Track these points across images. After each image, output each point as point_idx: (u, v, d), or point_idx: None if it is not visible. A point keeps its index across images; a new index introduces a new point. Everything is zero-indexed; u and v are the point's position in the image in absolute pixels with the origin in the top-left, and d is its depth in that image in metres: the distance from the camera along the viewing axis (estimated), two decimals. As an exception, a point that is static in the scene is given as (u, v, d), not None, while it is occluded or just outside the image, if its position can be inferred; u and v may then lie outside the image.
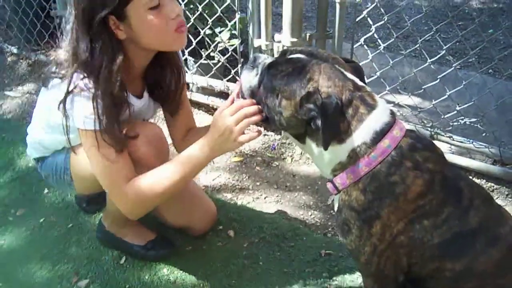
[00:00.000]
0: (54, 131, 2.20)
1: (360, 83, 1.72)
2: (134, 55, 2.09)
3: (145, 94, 2.30)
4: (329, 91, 1.62)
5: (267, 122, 1.85)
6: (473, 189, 1.71)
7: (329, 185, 1.80)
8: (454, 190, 1.67)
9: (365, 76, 1.78)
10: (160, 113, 2.69)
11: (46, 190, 3.11)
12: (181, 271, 2.51)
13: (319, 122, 1.61)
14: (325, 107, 1.59)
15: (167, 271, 2.51)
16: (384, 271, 1.73)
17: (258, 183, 3.11)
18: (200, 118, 3.75)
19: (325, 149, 1.64)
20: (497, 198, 2.86)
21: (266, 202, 2.96)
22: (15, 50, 5.03)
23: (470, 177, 2.44)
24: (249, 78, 1.86)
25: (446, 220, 1.63)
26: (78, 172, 2.32)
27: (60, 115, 2.03)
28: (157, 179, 2.07)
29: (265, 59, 1.85)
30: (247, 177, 3.16)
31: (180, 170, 2.05)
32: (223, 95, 3.71)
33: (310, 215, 2.84)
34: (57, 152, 2.40)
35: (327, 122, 1.60)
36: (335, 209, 1.84)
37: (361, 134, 1.65)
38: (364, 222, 1.68)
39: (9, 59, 5.03)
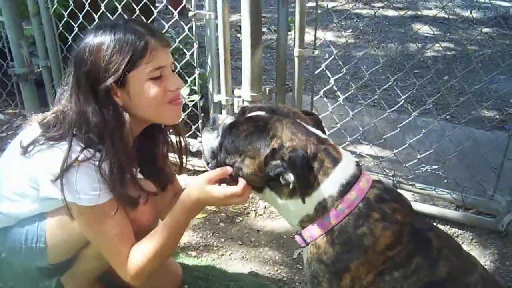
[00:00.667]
0: (25, 199, 2.08)
1: (323, 136, 1.73)
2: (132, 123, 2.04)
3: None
4: (294, 144, 1.62)
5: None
6: (441, 239, 1.71)
7: (297, 237, 1.78)
8: (423, 240, 1.66)
9: (325, 128, 1.80)
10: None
11: (3, 254, 2.99)
12: (145, 335, 2.42)
13: (288, 176, 1.60)
14: (293, 161, 1.59)
15: (131, 336, 2.42)
16: None
17: (222, 240, 3.06)
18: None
19: (303, 201, 1.62)
20: (462, 243, 2.87)
21: (232, 259, 2.90)
22: (-27, 108, 4.95)
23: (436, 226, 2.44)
24: (210, 140, 1.85)
25: (416, 271, 1.62)
26: (56, 237, 2.17)
27: (44, 184, 1.94)
28: (154, 247, 2.04)
29: (224, 120, 1.84)
30: (211, 234, 3.11)
31: (171, 234, 2.04)
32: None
33: (277, 270, 2.80)
34: (25, 220, 2.19)
35: (299, 175, 1.59)
36: (304, 261, 1.81)
37: (327, 188, 1.64)
38: (334, 275, 1.66)
39: (-35, 118, 4.93)
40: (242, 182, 1.77)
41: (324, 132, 1.81)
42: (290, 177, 1.61)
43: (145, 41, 1.88)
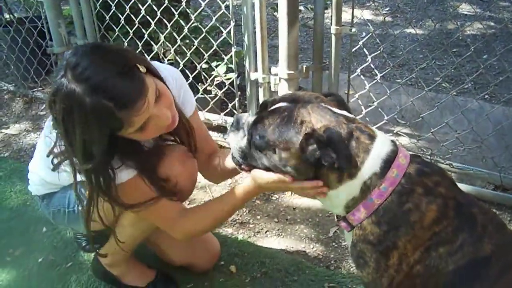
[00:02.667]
0: (65, 172, 2.09)
1: (351, 116, 1.71)
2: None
3: None
4: (326, 124, 1.61)
5: None
6: (486, 215, 1.68)
7: (341, 223, 1.77)
8: (468, 216, 1.64)
9: (362, 106, 1.79)
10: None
11: (44, 229, 3.08)
12: (183, 309, 2.48)
13: (330, 155, 1.58)
14: (330, 138, 1.57)
15: (168, 309, 2.48)
16: None
17: (258, 217, 3.08)
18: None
19: (349, 171, 1.61)
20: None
21: (267, 236, 2.93)
22: (11, 88, 5.05)
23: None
24: (237, 140, 1.83)
25: (461, 247, 1.60)
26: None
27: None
28: (207, 217, 2.16)
29: (247, 118, 1.83)
30: (247, 211, 3.14)
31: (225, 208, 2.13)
32: (221, 129, 3.71)
33: (312, 248, 2.81)
34: (67, 186, 2.30)
35: (340, 150, 1.57)
36: (348, 243, 1.81)
37: (370, 165, 1.63)
38: (381, 254, 1.65)
39: (5, 96, 5.05)
40: None
41: (349, 111, 1.78)
42: (332, 156, 1.58)
43: (115, 118, 1.71)
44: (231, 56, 3.42)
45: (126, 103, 1.70)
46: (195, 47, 3.56)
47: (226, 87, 3.58)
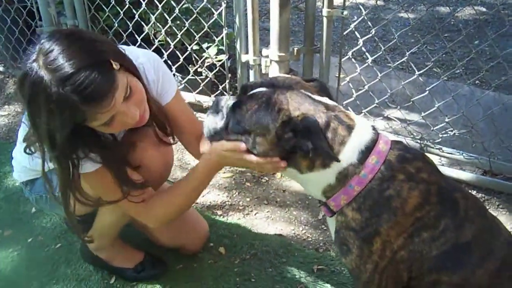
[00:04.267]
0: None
1: (332, 103, 1.69)
2: None
3: None
4: (303, 112, 1.59)
5: None
6: (468, 200, 1.69)
7: (323, 208, 1.77)
8: (450, 201, 1.64)
9: (353, 90, 1.77)
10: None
11: (33, 210, 3.07)
12: (172, 290, 2.48)
13: (305, 145, 1.57)
14: (307, 128, 1.56)
15: (158, 291, 2.48)
16: None
17: (248, 199, 3.09)
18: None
19: (337, 160, 1.60)
20: (488, 209, 2.84)
21: (257, 218, 2.93)
22: (1, 69, 5.02)
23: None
24: (214, 122, 1.81)
25: (443, 232, 1.61)
26: None
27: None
28: (173, 196, 2.14)
29: (227, 101, 1.80)
30: (237, 193, 3.14)
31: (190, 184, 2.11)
32: (211, 110, 3.69)
33: (302, 231, 2.82)
34: (49, 172, 2.30)
35: (315, 140, 1.56)
36: (331, 230, 1.81)
37: (345, 157, 1.61)
38: (364, 241, 1.65)
39: (-5, 77, 5.00)
40: None
41: (331, 97, 1.76)
42: (307, 145, 1.57)
43: (79, 113, 1.69)
44: (222, 38, 3.40)
45: (92, 99, 1.67)
46: (186, 28, 3.54)
47: (217, 68, 3.57)
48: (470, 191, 2.95)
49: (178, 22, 3.71)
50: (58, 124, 1.70)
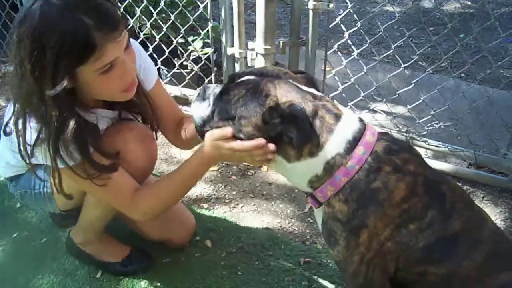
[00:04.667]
0: None
1: (319, 94, 1.69)
2: (86, 97, 1.97)
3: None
4: (291, 99, 1.59)
5: None
6: (455, 192, 1.70)
7: (309, 199, 1.76)
8: (437, 193, 1.65)
9: (339, 83, 1.77)
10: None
11: (18, 204, 3.04)
12: (159, 284, 2.47)
13: (291, 131, 1.57)
14: (294, 114, 1.56)
15: (145, 284, 2.46)
16: (371, 280, 1.70)
17: (234, 192, 3.08)
18: (175, 128, 3.73)
19: (309, 149, 1.60)
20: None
21: (243, 212, 2.93)
22: (-16, 62, 4.95)
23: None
24: (200, 109, 1.80)
25: (430, 224, 1.61)
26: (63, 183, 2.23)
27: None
28: (160, 189, 2.09)
29: (214, 89, 1.80)
30: (223, 187, 3.13)
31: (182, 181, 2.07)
32: (197, 104, 3.69)
33: (288, 224, 2.83)
34: (35, 167, 2.17)
35: (302, 127, 1.56)
36: (318, 222, 1.81)
37: (333, 146, 1.61)
38: (351, 232, 1.65)
39: (-22, 71, 4.94)
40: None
41: (318, 89, 1.76)
42: (293, 132, 1.57)
43: (92, 38, 1.66)
44: (208, 31, 3.39)
45: (106, 22, 1.68)
46: (171, 21, 3.52)
47: (203, 62, 3.55)
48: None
49: (164, 15, 3.69)
50: (66, 60, 1.67)
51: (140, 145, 2.15)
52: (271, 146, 1.64)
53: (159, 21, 3.60)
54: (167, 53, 3.57)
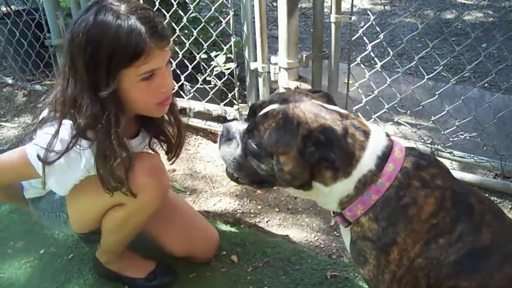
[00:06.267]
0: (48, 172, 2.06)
1: (344, 111, 1.69)
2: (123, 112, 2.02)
3: (141, 132, 2.28)
4: (322, 123, 1.59)
5: (263, 185, 1.81)
6: (483, 204, 1.68)
7: (338, 218, 1.75)
8: (465, 205, 1.63)
9: (362, 95, 1.78)
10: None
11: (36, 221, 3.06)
12: (185, 299, 2.48)
13: (330, 156, 1.55)
14: (329, 139, 1.55)
15: (171, 300, 2.48)
16: None
17: (259, 207, 3.08)
18: (198, 143, 3.74)
19: (346, 169, 1.60)
20: (501, 212, 2.84)
21: (269, 226, 2.93)
22: (10, 81, 5.04)
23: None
24: (229, 151, 1.77)
25: (460, 237, 1.59)
26: (75, 211, 2.26)
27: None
28: None
29: (238, 126, 1.77)
30: (248, 201, 3.13)
31: None
32: (221, 119, 3.71)
33: (314, 237, 2.82)
34: (51, 192, 2.29)
35: (338, 149, 1.55)
36: (345, 240, 1.81)
37: (366, 163, 1.61)
38: (381, 250, 1.64)
39: (4, 90, 5.02)
40: None
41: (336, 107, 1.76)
42: (331, 155, 1.55)
43: (143, 43, 1.79)
44: (230, 46, 3.41)
45: (156, 32, 1.83)
46: (194, 37, 3.54)
47: (226, 77, 3.58)
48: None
49: (186, 31, 3.72)
50: (118, 60, 1.78)
51: (153, 179, 2.14)
52: None
53: (182, 37, 3.63)
54: (190, 69, 3.59)
